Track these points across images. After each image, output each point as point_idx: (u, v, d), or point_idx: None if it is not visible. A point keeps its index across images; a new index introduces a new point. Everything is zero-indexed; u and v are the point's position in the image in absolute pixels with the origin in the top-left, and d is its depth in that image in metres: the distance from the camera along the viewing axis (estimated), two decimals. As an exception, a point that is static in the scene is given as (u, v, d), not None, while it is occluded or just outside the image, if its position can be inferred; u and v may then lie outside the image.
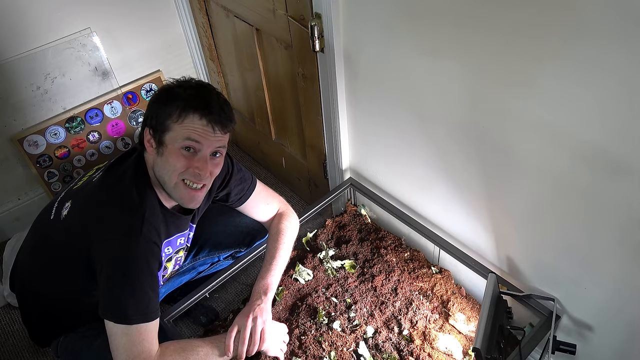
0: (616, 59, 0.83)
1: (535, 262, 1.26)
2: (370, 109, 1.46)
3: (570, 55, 0.89)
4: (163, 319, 1.34)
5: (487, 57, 1.03)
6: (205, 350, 1.14)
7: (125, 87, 2.11)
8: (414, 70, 1.23)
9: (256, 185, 1.39)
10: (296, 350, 1.34)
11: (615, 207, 0.98)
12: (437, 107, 1.23)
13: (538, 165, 1.08)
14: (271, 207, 1.43)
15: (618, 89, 0.85)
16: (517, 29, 0.94)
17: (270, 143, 2.13)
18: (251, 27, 1.74)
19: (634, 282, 1.05)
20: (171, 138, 1.07)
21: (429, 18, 1.10)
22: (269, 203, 1.43)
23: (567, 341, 1.19)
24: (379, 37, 1.26)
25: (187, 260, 1.53)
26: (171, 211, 1.19)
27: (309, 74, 1.58)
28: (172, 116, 1.05)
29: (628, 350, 1.17)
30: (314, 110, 1.66)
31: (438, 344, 1.31)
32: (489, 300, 1.16)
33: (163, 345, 1.10)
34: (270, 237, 1.38)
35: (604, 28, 0.81)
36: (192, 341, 1.18)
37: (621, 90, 0.85)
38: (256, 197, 1.39)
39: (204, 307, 1.68)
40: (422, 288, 1.47)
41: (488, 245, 1.36)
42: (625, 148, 0.90)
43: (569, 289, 1.21)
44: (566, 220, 1.10)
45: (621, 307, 1.11)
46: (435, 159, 1.35)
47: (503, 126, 1.10)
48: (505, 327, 1.23)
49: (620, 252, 1.03)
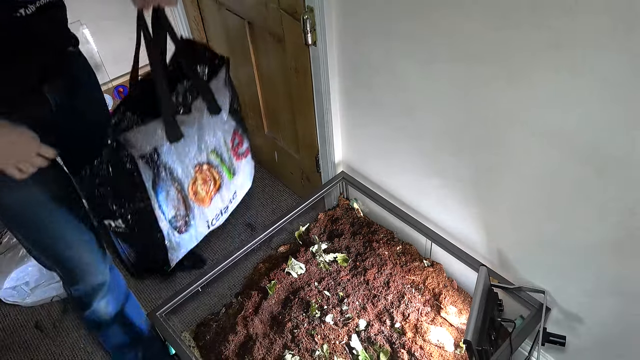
0: (609, 57, 0.83)
1: (526, 255, 1.27)
2: (363, 103, 1.46)
3: (563, 53, 0.89)
4: (155, 313, 1.35)
5: (480, 51, 1.03)
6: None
7: (116, 80, 2.09)
8: (407, 64, 1.23)
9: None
10: (289, 343, 1.34)
11: (604, 202, 0.99)
12: (430, 101, 1.24)
13: (528, 161, 1.09)
14: None
15: (609, 87, 0.86)
16: (510, 26, 0.94)
17: (262, 137, 2.13)
18: (243, 20, 1.73)
19: (622, 274, 1.06)
20: None
21: (421, 13, 1.10)
22: None
23: (557, 333, 1.20)
24: (372, 31, 1.25)
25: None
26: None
27: (302, 68, 1.57)
28: None
29: (616, 341, 1.19)
30: (306, 104, 1.65)
31: (430, 337, 1.32)
32: (480, 293, 1.17)
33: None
34: None
35: (597, 27, 0.82)
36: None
37: (612, 88, 0.86)
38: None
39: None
40: (414, 281, 1.48)
41: (479, 238, 1.37)
42: (614, 145, 0.91)
43: (559, 282, 1.22)
44: (556, 214, 1.11)
45: (610, 300, 1.12)
46: (427, 153, 1.36)
47: (494, 122, 1.10)
48: (496, 320, 1.24)
49: (609, 246, 1.04)
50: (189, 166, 1.15)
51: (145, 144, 1.05)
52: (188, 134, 1.11)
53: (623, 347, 1.18)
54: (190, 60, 1.14)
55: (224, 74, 1.20)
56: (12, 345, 1.74)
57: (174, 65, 1.16)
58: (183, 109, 1.08)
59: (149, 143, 1.05)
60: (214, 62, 1.18)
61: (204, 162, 1.18)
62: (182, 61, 1.13)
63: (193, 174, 1.16)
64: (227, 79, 1.21)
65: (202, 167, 1.18)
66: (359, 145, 1.62)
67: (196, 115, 1.11)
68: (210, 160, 1.20)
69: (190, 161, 1.15)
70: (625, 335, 1.15)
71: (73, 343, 1.74)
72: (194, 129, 1.13)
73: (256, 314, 1.44)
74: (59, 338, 1.76)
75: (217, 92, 1.17)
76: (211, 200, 1.24)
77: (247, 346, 1.36)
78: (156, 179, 1.10)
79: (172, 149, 1.09)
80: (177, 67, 1.14)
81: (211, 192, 1.23)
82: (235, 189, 1.32)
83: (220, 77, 1.17)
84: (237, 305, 1.49)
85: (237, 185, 1.32)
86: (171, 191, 1.14)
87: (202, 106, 1.12)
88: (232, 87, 1.24)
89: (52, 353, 1.72)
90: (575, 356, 1.32)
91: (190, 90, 1.10)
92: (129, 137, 1.01)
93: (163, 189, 1.12)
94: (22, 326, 1.80)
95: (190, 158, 1.15)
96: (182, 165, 1.13)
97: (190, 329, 1.50)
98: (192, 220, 1.21)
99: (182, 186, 1.15)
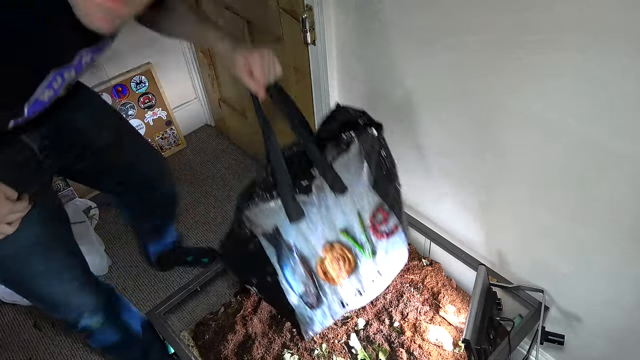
0: (613, 53, 0.83)
1: (525, 254, 1.27)
2: (362, 101, 1.46)
3: (568, 50, 0.89)
4: (153, 312, 1.34)
5: (482, 49, 1.03)
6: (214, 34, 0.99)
7: (115, 79, 2.09)
8: (407, 62, 1.22)
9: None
10: (288, 342, 1.34)
11: (605, 200, 0.99)
12: (430, 100, 1.24)
13: (529, 159, 1.09)
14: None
15: (612, 83, 0.86)
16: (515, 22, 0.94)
17: (260, 135, 2.12)
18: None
19: (621, 273, 1.06)
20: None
21: (421, 10, 1.10)
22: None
23: (556, 332, 1.20)
24: (371, 29, 1.25)
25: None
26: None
27: (301, 67, 1.57)
28: None
29: (615, 340, 1.19)
30: (305, 102, 1.65)
31: (429, 336, 1.32)
32: (478, 292, 1.17)
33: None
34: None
35: (601, 22, 0.82)
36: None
37: (616, 84, 0.86)
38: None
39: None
40: (413, 280, 1.48)
41: (478, 237, 1.37)
42: (616, 141, 0.91)
43: (558, 281, 1.22)
44: (556, 213, 1.11)
45: (608, 298, 1.12)
46: (427, 152, 1.36)
47: (496, 120, 1.10)
48: (494, 319, 1.24)
49: (609, 245, 1.04)
50: (316, 246, 1.12)
51: (267, 222, 1.05)
52: (312, 213, 1.08)
53: (622, 345, 1.18)
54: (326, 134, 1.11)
55: (377, 144, 1.12)
56: (11, 344, 1.74)
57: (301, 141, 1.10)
58: (302, 189, 1.05)
59: (270, 222, 1.05)
60: (362, 133, 1.10)
61: (333, 241, 1.14)
62: (306, 137, 1.08)
63: (321, 254, 1.13)
64: (381, 147, 1.13)
65: (332, 246, 1.14)
66: (358, 144, 1.61)
67: (320, 194, 1.07)
68: (340, 239, 1.15)
69: (317, 240, 1.11)
70: (624, 334, 1.16)
71: (71, 343, 1.74)
72: (320, 208, 1.10)
73: (255, 313, 1.44)
74: (58, 337, 1.76)
75: (351, 166, 1.10)
76: (344, 280, 1.18)
77: (246, 345, 1.36)
78: (280, 255, 1.09)
79: (295, 228, 1.07)
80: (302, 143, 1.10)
81: (344, 272, 1.17)
82: (378, 269, 1.24)
83: (361, 149, 1.11)
84: (236, 304, 1.49)
85: (381, 266, 1.24)
86: (297, 268, 1.12)
87: (325, 185, 1.08)
88: (383, 155, 1.16)
89: (51, 352, 1.72)
90: (574, 355, 1.32)
91: (311, 170, 1.07)
92: (250, 216, 1.03)
93: (288, 265, 1.11)
94: (20, 325, 1.80)
95: (316, 237, 1.11)
96: (308, 244, 1.10)
97: (189, 328, 1.50)
98: (324, 297, 1.16)
99: (309, 264, 1.12)
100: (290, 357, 1.31)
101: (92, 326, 1.26)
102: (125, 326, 1.35)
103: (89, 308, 1.22)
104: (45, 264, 1.08)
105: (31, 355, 1.71)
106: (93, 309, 1.23)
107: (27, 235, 1.01)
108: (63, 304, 1.18)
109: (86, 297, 1.20)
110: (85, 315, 1.22)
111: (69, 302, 1.18)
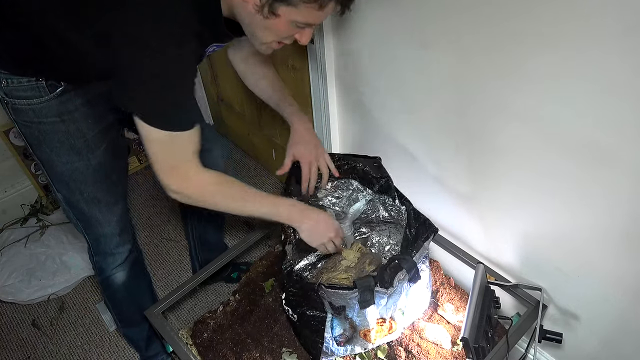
0: (606, 51, 0.83)
1: (523, 252, 1.27)
2: (360, 100, 1.46)
3: (560, 46, 0.89)
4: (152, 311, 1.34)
5: (475, 47, 1.03)
6: (266, 208, 1.13)
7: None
8: (404, 61, 1.22)
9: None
10: (286, 341, 1.34)
11: (602, 198, 1.00)
12: (427, 98, 1.24)
13: (526, 156, 1.09)
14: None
15: (606, 80, 0.86)
16: (508, 19, 0.94)
17: (260, 135, 2.13)
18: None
19: (619, 272, 1.06)
20: (290, 14, 0.90)
21: (418, 8, 1.10)
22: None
23: (554, 330, 1.20)
24: (369, 28, 1.25)
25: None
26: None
27: (299, 65, 1.57)
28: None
29: (612, 338, 1.19)
30: (303, 101, 1.65)
31: (427, 334, 1.32)
32: (477, 290, 1.17)
33: (223, 175, 1.09)
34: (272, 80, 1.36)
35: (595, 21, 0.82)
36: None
37: (609, 82, 0.86)
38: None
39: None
40: (412, 279, 1.48)
41: (476, 236, 1.38)
42: (613, 138, 0.91)
43: (556, 279, 1.22)
44: (553, 211, 1.11)
45: (606, 297, 1.13)
46: (424, 150, 1.36)
47: (492, 117, 1.10)
48: (493, 317, 1.24)
49: (606, 243, 1.05)
50: (371, 321, 1.18)
51: (338, 301, 1.12)
52: (381, 299, 1.15)
53: (620, 344, 1.18)
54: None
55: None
56: (9, 343, 1.74)
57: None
58: (385, 284, 1.09)
59: (341, 301, 1.12)
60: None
61: (387, 317, 1.21)
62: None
63: (373, 326, 1.19)
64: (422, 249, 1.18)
65: (384, 321, 1.21)
66: (357, 143, 1.61)
67: (396, 286, 1.12)
68: (394, 316, 1.23)
69: (373, 316, 1.18)
70: (622, 333, 1.16)
71: (70, 341, 1.74)
72: (390, 297, 1.17)
73: (254, 312, 1.44)
74: (56, 336, 1.76)
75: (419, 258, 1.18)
76: (379, 340, 1.25)
77: (244, 344, 1.36)
78: (334, 318, 1.18)
79: (360, 310, 1.13)
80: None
81: (382, 335, 1.24)
82: (405, 322, 1.31)
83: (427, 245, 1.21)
84: (234, 303, 1.48)
85: (405, 315, 1.30)
86: (346, 327, 1.20)
87: (403, 278, 1.12)
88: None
89: (49, 351, 1.72)
90: (572, 353, 1.32)
91: (398, 267, 1.11)
92: (328, 294, 1.10)
93: (339, 320, 1.19)
94: (19, 324, 1.80)
95: (373, 314, 1.17)
96: (364, 320, 1.17)
97: (188, 327, 1.49)
98: (354, 345, 1.24)
99: (355, 328, 1.20)
100: (289, 355, 1.31)
101: (117, 281, 1.38)
102: (140, 298, 1.47)
103: (119, 250, 1.34)
104: (104, 191, 1.22)
105: (29, 354, 1.71)
106: (122, 251, 1.35)
107: (99, 161, 1.16)
108: (100, 231, 1.28)
109: (123, 236, 1.33)
110: (111, 257, 1.34)
111: (106, 233, 1.29)
